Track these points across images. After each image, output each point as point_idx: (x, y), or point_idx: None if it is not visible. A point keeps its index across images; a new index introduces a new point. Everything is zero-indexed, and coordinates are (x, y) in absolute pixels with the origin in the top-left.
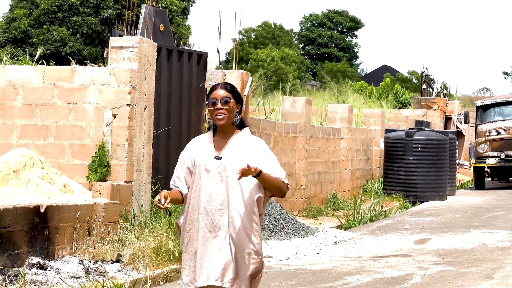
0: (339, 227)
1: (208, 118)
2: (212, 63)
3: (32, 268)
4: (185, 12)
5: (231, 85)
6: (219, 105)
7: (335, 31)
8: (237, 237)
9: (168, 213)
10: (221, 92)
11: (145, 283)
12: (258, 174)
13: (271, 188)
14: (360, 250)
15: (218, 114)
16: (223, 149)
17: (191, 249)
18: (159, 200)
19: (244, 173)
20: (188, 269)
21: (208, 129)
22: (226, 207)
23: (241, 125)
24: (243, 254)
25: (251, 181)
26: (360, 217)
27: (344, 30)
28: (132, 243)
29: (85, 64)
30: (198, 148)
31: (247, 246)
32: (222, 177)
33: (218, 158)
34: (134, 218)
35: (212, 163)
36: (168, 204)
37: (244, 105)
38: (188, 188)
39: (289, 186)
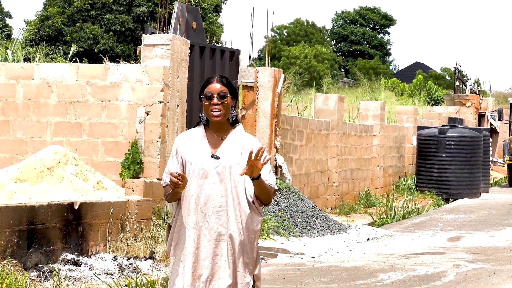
0: (371, 224)
1: (200, 112)
2: (244, 61)
3: (66, 264)
4: (217, 9)
5: (227, 78)
6: (215, 100)
7: (367, 28)
8: (236, 241)
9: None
10: (217, 86)
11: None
12: (257, 177)
13: (261, 194)
14: (393, 247)
15: (214, 110)
16: (219, 147)
17: (180, 252)
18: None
19: (252, 169)
20: (181, 275)
21: (197, 124)
22: (225, 209)
23: (235, 121)
24: (240, 261)
25: (247, 180)
26: (392, 214)
27: (376, 27)
28: (165, 240)
29: (118, 62)
30: (190, 145)
31: (246, 252)
32: (222, 177)
33: (217, 158)
34: (167, 215)
35: (209, 163)
36: (181, 177)
37: (278, 103)
38: None
39: (277, 192)
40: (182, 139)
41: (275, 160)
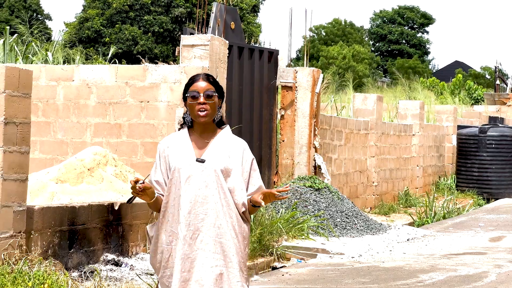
0: (411, 224)
1: (184, 113)
2: (283, 61)
3: (107, 264)
4: (255, 9)
5: (212, 76)
6: (201, 99)
7: (406, 27)
8: (223, 249)
9: (130, 200)
10: (203, 84)
11: None
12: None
13: (251, 213)
14: (433, 248)
15: (201, 110)
16: (205, 150)
17: (172, 264)
18: (137, 180)
19: (266, 199)
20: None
21: (181, 126)
22: (212, 216)
23: (221, 122)
24: (234, 269)
25: (237, 186)
26: (433, 214)
27: (415, 26)
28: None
29: (156, 63)
30: (174, 149)
31: (239, 259)
32: (207, 182)
33: (201, 161)
34: None
35: (194, 167)
36: (141, 188)
37: (316, 103)
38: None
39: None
40: (165, 144)
41: (314, 160)
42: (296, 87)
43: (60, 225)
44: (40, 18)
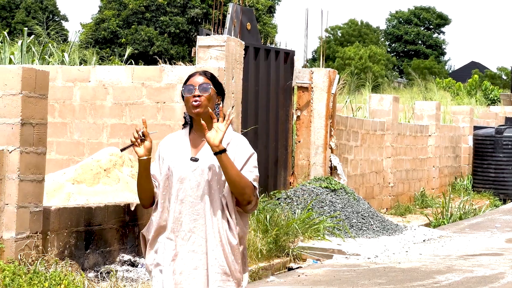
0: (427, 225)
1: (184, 112)
2: (299, 61)
3: (123, 265)
4: (271, 10)
5: (211, 73)
6: (196, 92)
7: (422, 28)
8: (215, 253)
9: (124, 148)
10: (199, 79)
11: None
12: (221, 152)
13: (233, 185)
14: (449, 249)
15: (194, 101)
16: (200, 148)
17: (159, 265)
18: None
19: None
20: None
21: (184, 125)
22: (203, 217)
23: None
24: (220, 274)
25: (226, 186)
26: (449, 215)
27: (431, 26)
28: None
29: (172, 63)
30: (170, 147)
31: (227, 264)
32: (199, 182)
33: (195, 160)
34: None
35: (187, 166)
36: (142, 135)
37: (332, 103)
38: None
39: (257, 193)
40: (165, 142)
41: (330, 161)
42: (312, 88)
43: (77, 225)
44: (57, 19)
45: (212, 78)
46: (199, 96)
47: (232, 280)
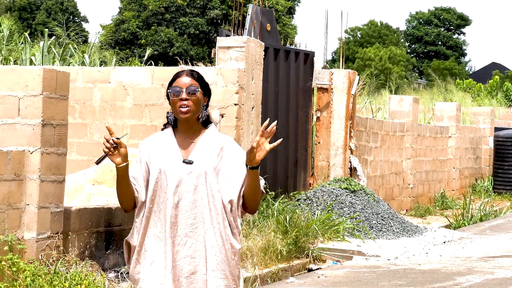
0: (448, 226)
1: (168, 112)
2: (318, 63)
3: None
4: (291, 11)
5: (198, 72)
6: (183, 95)
7: (442, 29)
8: (215, 257)
9: (99, 160)
10: (186, 80)
11: (254, 282)
12: (257, 166)
13: (253, 196)
14: (470, 250)
15: (182, 106)
16: (191, 151)
17: (157, 271)
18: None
19: (257, 151)
20: None
21: (164, 126)
22: (201, 221)
23: (207, 121)
24: (220, 280)
25: (225, 184)
26: (469, 217)
27: (451, 27)
28: (241, 242)
29: (193, 64)
30: (157, 150)
31: (227, 269)
32: (196, 185)
33: (189, 162)
34: (242, 217)
35: (181, 169)
36: (114, 143)
37: (352, 104)
38: (145, 198)
39: (264, 192)
40: (147, 144)
41: (350, 162)
42: (332, 89)
43: (97, 226)
44: (77, 21)
45: (199, 78)
46: (186, 99)
47: (233, 285)
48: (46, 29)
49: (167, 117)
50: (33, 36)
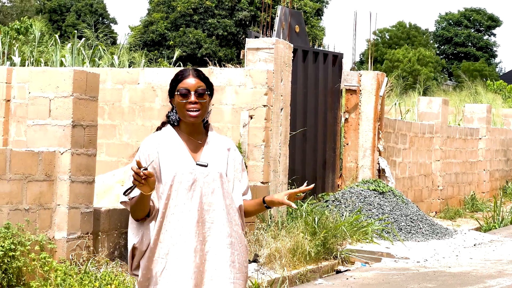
0: (478, 229)
1: (170, 111)
2: (347, 64)
3: None
4: (319, 13)
5: (203, 72)
6: (192, 98)
7: (473, 30)
8: (232, 259)
9: (127, 191)
10: (193, 81)
11: (282, 283)
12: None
13: (253, 214)
14: (501, 253)
15: (192, 110)
16: (201, 153)
17: (170, 277)
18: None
19: (288, 200)
20: None
21: (162, 124)
22: (219, 223)
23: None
24: (235, 281)
25: (235, 189)
26: (500, 219)
27: (481, 28)
28: (269, 243)
29: (221, 66)
30: (166, 151)
31: (241, 271)
32: (213, 188)
33: (203, 165)
34: (270, 218)
35: (196, 172)
36: (145, 175)
37: (380, 106)
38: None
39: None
40: (153, 144)
41: (378, 163)
42: (360, 90)
43: (126, 226)
44: (106, 22)
45: (205, 78)
46: (196, 102)
47: (247, 282)
48: (75, 31)
49: (168, 117)
50: (63, 38)
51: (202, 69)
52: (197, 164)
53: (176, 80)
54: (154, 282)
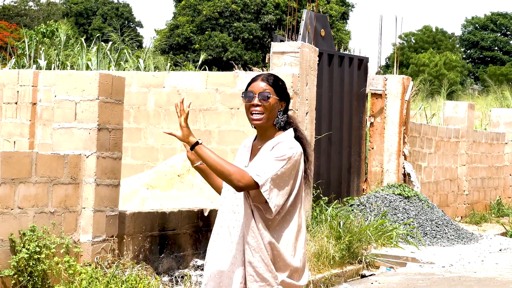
0: (504, 234)
1: None
2: (372, 68)
3: (196, 270)
4: (344, 17)
5: (275, 76)
6: (255, 101)
7: (499, 34)
8: (249, 262)
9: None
10: (260, 85)
11: (307, 287)
12: (192, 147)
13: (214, 172)
14: None
15: (254, 112)
16: (254, 157)
17: (208, 271)
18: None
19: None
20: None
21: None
22: (240, 227)
23: (283, 128)
24: (256, 282)
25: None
26: None
27: (508, 32)
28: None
29: (246, 69)
30: (239, 152)
31: (258, 273)
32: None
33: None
34: None
35: None
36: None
37: (406, 110)
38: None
39: (258, 183)
40: (242, 145)
41: (404, 168)
42: (385, 94)
43: (151, 230)
44: (132, 26)
45: (275, 83)
46: (258, 105)
47: (266, 284)
48: (99, 34)
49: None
50: (89, 41)
51: (227, 72)
52: (245, 167)
53: (248, 84)
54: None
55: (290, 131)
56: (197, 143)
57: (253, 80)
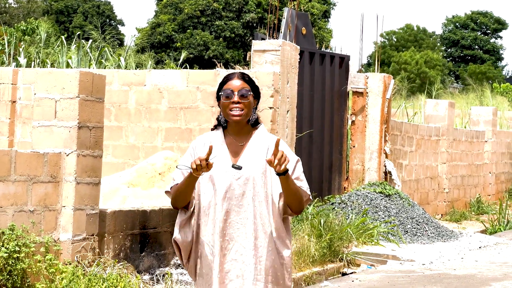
0: (483, 231)
1: (219, 114)
2: (353, 66)
3: (177, 268)
4: (326, 15)
5: (248, 75)
6: (235, 98)
7: (479, 33)
8: (259, 261)
9: (186, 168)
10: (237, 83)
11: None
12: (284, 173)
13: (292, 199)
14: (506, 256)
15: (234, 109)
16: (240, 155)
17: (205, 275)
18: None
19: (274, 161)
20: None
21: (215, 127)
22: (249, 226)
23: (255, 123)
24: (270, 286)
25: (276, 194)
26: (505, 222)
27: (488, 31)
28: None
29: (228, 67)
30: (197, 150)
31: (275, 275)
32: (244, 190)
33: (238, 168)
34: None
35: (230, 174)
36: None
37: (387, 109)
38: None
39: (310, 198)
40: (201, 142)
41: (385, 166)
42: (367, 92)
43: (132, 228)
44: (113, 24)
45: (250, 81)
46: (238, 103)
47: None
48: (80, 33)
49: (218, 119)
50: (70, 39)
51: (208, 71)
52: (232, 166)
53: (222, 82)
54: (199, 274)
55: (263, 127)
56: (287, 170)
57: (228, 78)
